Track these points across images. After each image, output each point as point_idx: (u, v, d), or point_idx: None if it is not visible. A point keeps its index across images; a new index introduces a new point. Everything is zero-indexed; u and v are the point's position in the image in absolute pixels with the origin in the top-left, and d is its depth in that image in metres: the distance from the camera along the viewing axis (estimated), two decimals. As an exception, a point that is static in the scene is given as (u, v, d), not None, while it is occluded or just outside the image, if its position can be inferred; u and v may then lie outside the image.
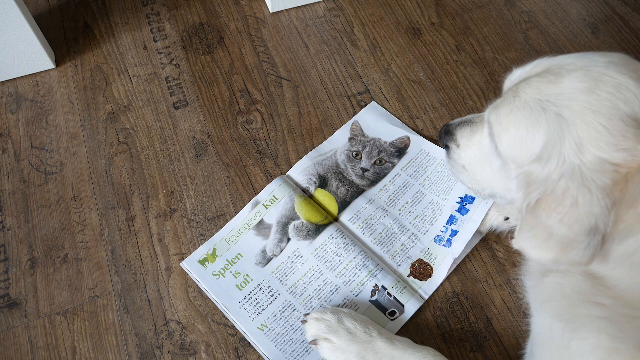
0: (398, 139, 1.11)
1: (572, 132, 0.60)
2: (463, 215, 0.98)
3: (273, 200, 1.02)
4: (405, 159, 1.08)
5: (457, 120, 0.85)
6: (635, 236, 0.59)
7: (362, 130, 1.12)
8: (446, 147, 0.87)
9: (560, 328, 0.65)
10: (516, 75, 0.75)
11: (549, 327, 0.67)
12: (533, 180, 0.63)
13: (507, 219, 0.96)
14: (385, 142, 1.10)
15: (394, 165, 1.07)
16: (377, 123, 1.13)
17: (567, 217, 0.60)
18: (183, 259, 0.97)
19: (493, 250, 0.99)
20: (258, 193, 1.04)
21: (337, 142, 1.11)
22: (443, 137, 0.86)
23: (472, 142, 0.81)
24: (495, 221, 0.97)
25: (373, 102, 1.16)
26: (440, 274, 0.95)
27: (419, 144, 1.10)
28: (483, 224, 0.97)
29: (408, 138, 1.11)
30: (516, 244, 0.67)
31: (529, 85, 0.67)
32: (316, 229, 0.99)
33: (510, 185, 0.71)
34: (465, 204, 0.99)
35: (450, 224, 0.99)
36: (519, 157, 0.67)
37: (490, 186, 0.81)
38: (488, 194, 0.83)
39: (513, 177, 0.69)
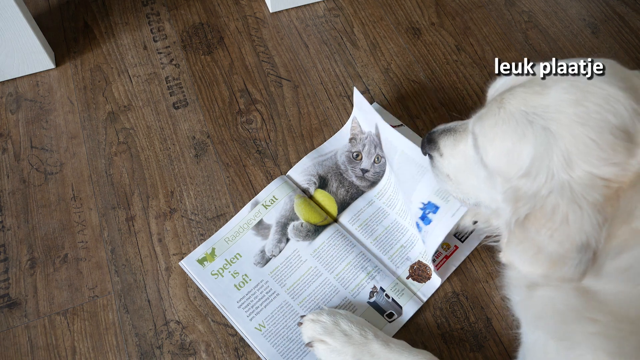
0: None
1: (561, 147, 0.59)
2: (426, 225, 0.91)
3: (273, 200, 1.02)
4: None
5: (440, 127, 0.82)
6: (630, 251, 0.58)
7: (360, 127, 1.11)
8: (429, 156, 0.84)
9: (554, 346, 0.63)
10: (500, 83, 0.72)
11: (543, 345, 0.66)
12: (521, 195, 0.62)
13: (475, 222, 0.93)
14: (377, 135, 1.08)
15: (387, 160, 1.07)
16: (371, 114, 1.08)
17: (557, 233, 0.58)
18: (183, 259, 0.97)
19: (493, 250, 0.98)
20: (258, 193, 1.04)
21: (338, 142, 1.10)
22: (426, 145, 0.83)
23: (456, 152, 0.78)
24: (463, 221, 0.93)
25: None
26: (436, 277, 0.95)
27: (387, 133, 1.00)
28: None
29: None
30: (504, 257, 0.66)
31: (514, 96, 0.64)
32: (315, 230, 0.99)
33: (496, 196, 0.69)
34: (428, 212, 0.91)
35: (420, 231, 0.94)
36: (505, 171, 0.65)
37: (475, 195, 0.78)
38: (473, 203, 0.80)
39: (499, 189, 0.67)
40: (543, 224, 0.59)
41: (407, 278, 0.95)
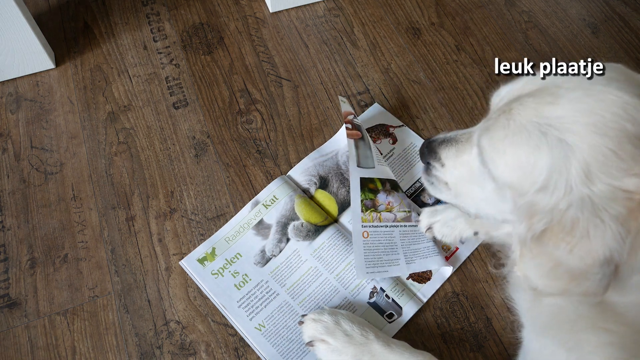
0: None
1: (578, 158, 0.55)
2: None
3: (273, 200, 1.02)
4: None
5: (440, 136, 0.78)
6: None
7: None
8: (427, 164, 0.80)
9: (564, 356, 0.62)
10: (505, 92, 0.69)
11: (551, 354, 0.64)
12: (538, 210, 0.58)
13: (476, 233, 0.92)
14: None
15: None
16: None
17: (577, 248, 0.55)
18: (183, 259, 0.97)
19: (493, 250, 0.98)
20: (258, 193, 1.04)
21: (339, 143, 1.10)
22: (426, 154, 0.79)
23: (458, 163, 0.74)
24: (465, 233, 0.93)
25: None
26: (436, 278, 0.95)
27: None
28: (452, 236, 0.94)
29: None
30: (519, 271, 0.63)
31: (524, 107, 0.61)
32: (316, 230, 0.99)
33: (504, 208, 0.67)
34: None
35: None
36: (518, 184, 0.62)
37: (478, 207, 0.75)
38: (474, 214, 0.78)
39: (509, 202, 0.65)
40: (562, 238, 0.56)
41: (407, 279, 0.95)
